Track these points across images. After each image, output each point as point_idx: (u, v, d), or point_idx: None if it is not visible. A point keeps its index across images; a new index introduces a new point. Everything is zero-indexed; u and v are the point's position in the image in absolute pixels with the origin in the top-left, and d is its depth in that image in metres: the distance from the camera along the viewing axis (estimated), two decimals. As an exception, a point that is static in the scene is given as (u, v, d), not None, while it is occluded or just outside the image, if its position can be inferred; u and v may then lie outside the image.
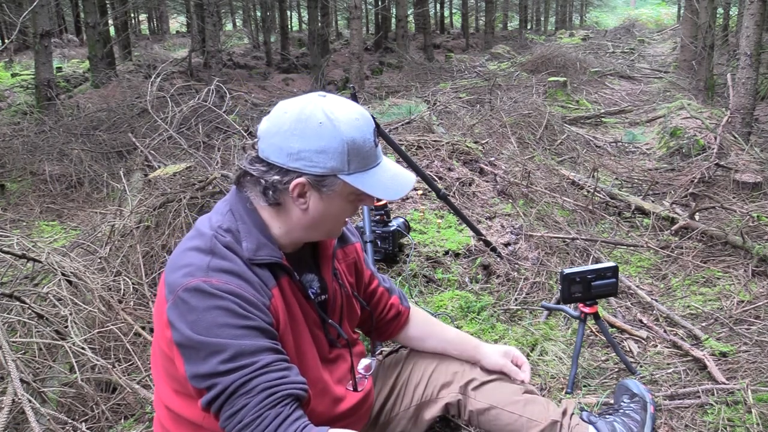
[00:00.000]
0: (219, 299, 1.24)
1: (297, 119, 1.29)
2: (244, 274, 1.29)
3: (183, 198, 3.31)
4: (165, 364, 1.36)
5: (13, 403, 1.90)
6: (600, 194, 4.51)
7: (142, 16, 28.44)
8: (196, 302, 1.24)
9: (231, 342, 1.23)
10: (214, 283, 1.25)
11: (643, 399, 1.94)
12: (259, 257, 1.33)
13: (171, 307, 1.27)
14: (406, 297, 1.84)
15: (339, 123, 1.29)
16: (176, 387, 1.36)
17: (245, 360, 1.23)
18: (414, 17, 19.53)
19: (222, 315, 1.24)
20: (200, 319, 1.23)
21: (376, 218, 3.01)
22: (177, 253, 1.35)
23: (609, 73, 11.62)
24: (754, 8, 5.55)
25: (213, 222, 1.37)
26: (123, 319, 2.60)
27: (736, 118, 5.77)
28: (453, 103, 7.62)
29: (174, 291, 1.27)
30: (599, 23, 31.81)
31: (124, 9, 14.86)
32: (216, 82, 5.25)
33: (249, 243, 1.34)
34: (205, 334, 1.22)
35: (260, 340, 1.26)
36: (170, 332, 1.27)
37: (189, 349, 1.24)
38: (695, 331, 2.76)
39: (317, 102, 1.32)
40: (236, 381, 1.22)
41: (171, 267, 1.32)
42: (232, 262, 1.30)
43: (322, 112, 1.29)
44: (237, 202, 1.39)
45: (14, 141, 6.56)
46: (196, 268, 1.27)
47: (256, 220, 1.37)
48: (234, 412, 1.22)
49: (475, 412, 1.74)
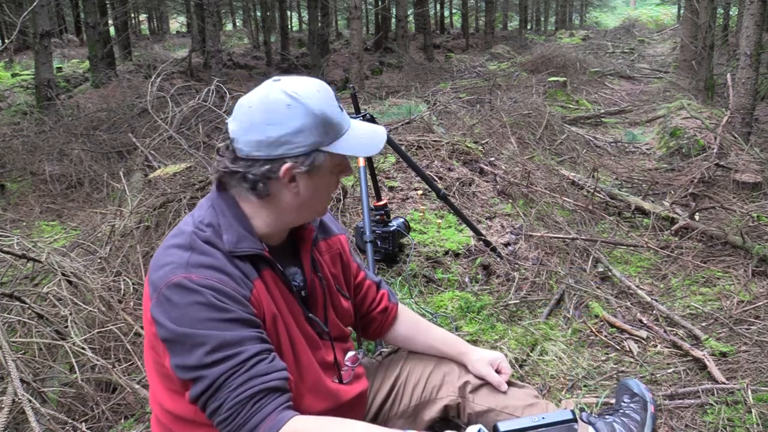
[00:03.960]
0: (199, 294, 1.26)
1: (265, 109, 1.30)
2: (224, 268, 1.31)
3: (183, 198, 3.31)
4: (156, 364, 1.38)
5: (13, 403, 1.90)
6: (600, 194, 4.51)
7: (142, 16, 28.42)
8: (178, 298, 1.27)
9: (213, 333, 1.25)
10: (194, 279, 1.27)
11: (644, 399, 1.94)
12: (240, 249, 1.35)
13: (155, 305, 1.29)
14: (395, 294, 1.84)
15: (305, 99, 1.31)
16: (169, 385, 1.38)
17: (229, 351, 1.25)
18: (414, 17, 19.51)
19: (203, 310, 1.26)
20: (183, 314, 1.26)
21: (376, 218, 3.01)
22: (159, 252, 1.37)
23: (609, 73, 11.62)
24: (754, 8, 5.55)
25: (195, 218, 1.39)
26: (123, 319, 2.60)
27: (736, 118, 5.77)
28: (453, 103, 7.62)
29: (157, 289, 1.29)
30: (599, 23, 31.80)
31: (124, 9, 14.86)
32: (216, 82, 5.24)
33: (229, 236, 1.35)
34: (188, 327, 1.25)
35: (242, 331, 1.28)
36: (155, 329, 1.30)
37: (174, 342, 1.27)
38: (695, 331, 2.76)
39: (276, 86, 1.33)
40: (222, 375, 1.25)
41: (154, 266, 1.34)
42: (211, 256, 1.31)
43: (284, 94, 1.31)
44: (218, 198, 1.40)
45: (14, 141, 6.56)
46: (177, 266, 1.29)
47: (236, 214, 1.38)
48: (217, 406, 1.25)
49: (474, 415, 1.73)
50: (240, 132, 1.32)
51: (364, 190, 2.66)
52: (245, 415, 1.25)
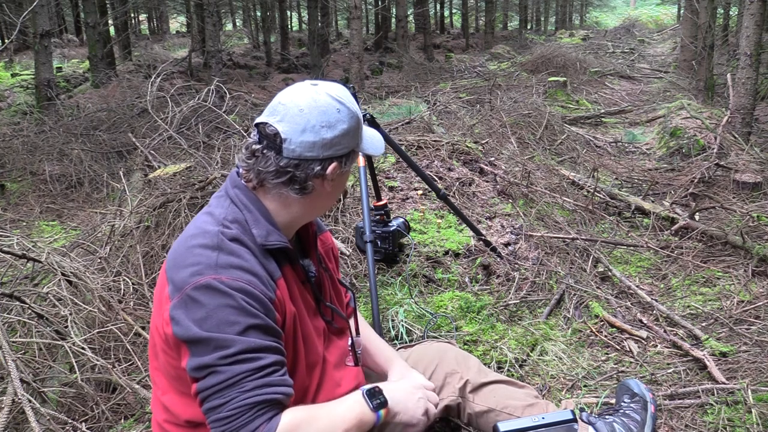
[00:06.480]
0: (230, 298, 1.27)
1: (319, 113, 1.36)
2: (252, 269, 1.33)
3: (183, 198, 3.31)
4: (168, 366, 1.37)
5: (13, 403, 1.90)
6: (600, 194, 4.51)
7: (142, 16, 28.41)
8: (206, 299, 1.27)
9: (239, 338, 1.26)
10: (224, 281, 1.28)
11: (644, 399, 1.94)
12: (270, 243, 1.38)
13: (177, 305, 1.29)
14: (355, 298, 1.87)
15: (349, 104, 1.41)
16: (181, 388, 1.37)
17: (248, 355, 1.27)
18: (414, 17, 19.51)
19: (233, 313, 1.27)
20: (209, 316, 1.26)
21: (376, 218, 3.00)
22: (181, 251, 1.35)
23: (609, 73, 11.62)
24: (754, 8, 5.55)
25: (217, 216, 1.39)
26: (123, 319, 2.60)
27: (736, 118, 5.77)
28: (453, 103, 7.61)
29: (181, 289, 1.29)
30: (599, 23, 31.78)
31: (124, 9, 14.85)
32: (216, 82, 5.25)
33: (259, 230, 1.38)
34: (215, 330, 1.26)
35: (266, 339, 1.30)
36: (171, 329, 1.29)
37: (196, 343, 1.27)
38: (695, 331, 2.76)
39: (320, 91, 1.40)
40: (239, 374, 1.26)
41: (175, 265, 1.33)
42: (239, 257, 1.33)
43: (332, 98, 1.39)
44: (240, 194, 1.42)
45: (14, 141, 6.55)
46: (205, 266, 1.29)
47: (261, 209, 1.41)
48: (221, 403, 1.26)
49: (474, 415, 1.74)
50: (294, 133, 1.36)
51: (364, 190, 2.66)
52: (247, 419, 1.26)
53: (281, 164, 1.37)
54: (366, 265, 2.83)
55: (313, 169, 1.38)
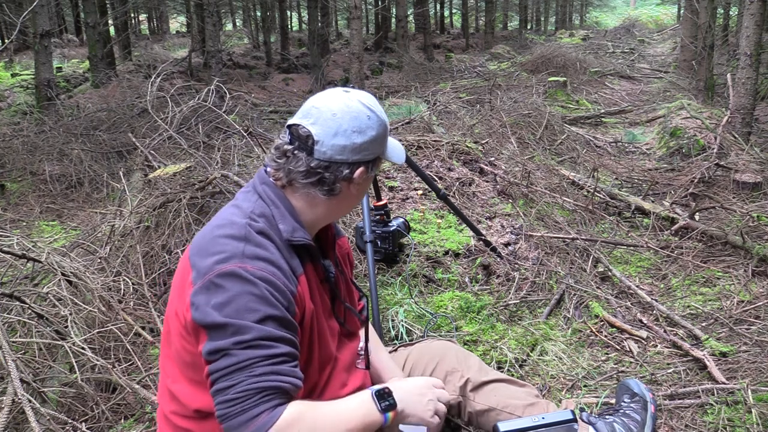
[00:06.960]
0: (254, 286, 1.30)
1: (351, 118, 1.41)
2: (277, 262, 1.36)
3: (183, 198, 3.31)
4: (183, 351, 1.38)
5: (13, 403, 1.90)
6: (600, 194, 4.51)
7: (142, 16, 28.40)
8: (230, 285, 1.29)
9: (256, 326, 1.28)
10: (249, 269, 1.31)
11: (644, 399, 1.94)
12: (296, 239, 1.42)
13: (199, 290, 1.31)
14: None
15: (379, 112, 1.47)
16: (193, 376, 1.39)
17: (263, 342, 1.29)
18: (414, 17, 19.51)
19: (255, 301, 1.29)
20: (230, 301, 1.29)
21: (376, 218, 3.00)
22: (207, 240, 1.38)
23: (609, 73, 11.62)
24: (754, 8, 5.55)
25: (244, 209, 1.42)
26: (123, 319, 2.60)
27: (736, 118, 5.77)
28: (453, 103, 7.61)
29: (205, 275, 1.31)
30: (599, 23, 31.78)
31: (124, 9, 14.84)
32: (216, 82, 5.24)
33: (285, 225, 1.42)
34: (234, 316, 1.28)
35: (283, 331, 1.32)
36: (190, 314, 1.31)
37: (215, 328, 1.29)
38: (695, 331, 2.76)
39: (352, 98, 1.45)
40: (251, 359, 1.27)
41: (200, 252, 1.36)
42: (265, 249, 1.36)
43: (363, 106, 1.45)
44: (266, 191, 1.46)
45: (14, 141, 6.55)
46: (231, 255, 1.32)
47: (288, 206, 1.45)
48: (228, 385, 1.27)
49: (475, 414, 1.74)
50: (326, 136, 1.40)
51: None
52: (251, 404, 1.26)
53: (312, 165, 1.41)
54: (366, 265, 2.83)
55: (342, 172, 1.43)
